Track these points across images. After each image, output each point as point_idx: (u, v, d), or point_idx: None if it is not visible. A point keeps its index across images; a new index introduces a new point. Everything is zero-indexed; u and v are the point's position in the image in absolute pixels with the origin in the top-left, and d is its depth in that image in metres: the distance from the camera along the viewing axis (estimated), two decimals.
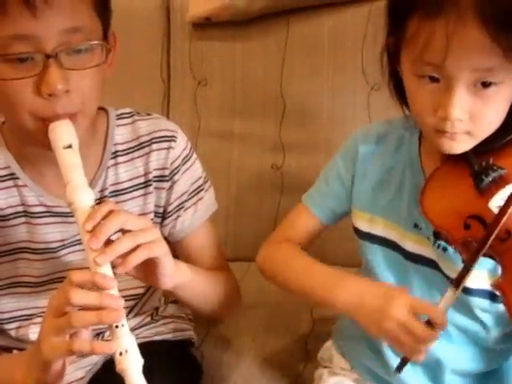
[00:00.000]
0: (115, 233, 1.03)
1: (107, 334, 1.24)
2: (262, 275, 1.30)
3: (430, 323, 1.03)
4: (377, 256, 1.19)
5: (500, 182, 1.02)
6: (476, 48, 0.94)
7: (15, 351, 1.27)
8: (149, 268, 1.09)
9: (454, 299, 1.02)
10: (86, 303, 0.97)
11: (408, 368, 1.16)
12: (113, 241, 1.01)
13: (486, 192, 1.02)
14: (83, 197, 1.03)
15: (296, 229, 1.30)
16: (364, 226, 1.21)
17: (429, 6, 0.97)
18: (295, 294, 1.24)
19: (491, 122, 1.02)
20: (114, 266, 1.02)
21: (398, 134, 1.20)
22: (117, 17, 1.17)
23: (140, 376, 0.97)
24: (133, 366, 0.96)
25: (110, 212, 1.02)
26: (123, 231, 1.04)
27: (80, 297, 0.97)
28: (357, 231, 1.23)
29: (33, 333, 1.24)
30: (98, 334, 1.27)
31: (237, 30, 1.83)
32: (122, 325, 0.98)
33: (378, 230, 1.19)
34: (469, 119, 1.00)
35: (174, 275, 1.14)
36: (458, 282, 1.01)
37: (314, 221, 1.29)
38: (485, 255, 0.99)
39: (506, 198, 0.98)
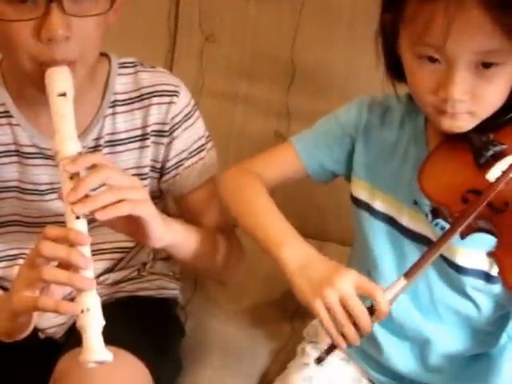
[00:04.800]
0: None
1: None
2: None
3: (370, 310, 1.06)
4: (373, 227, 1.25)
5: (499, 156, 1.08)
6: (477, 31, 0.99)
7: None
8: (136, 227, 1.14)
9: (406, 289, 1.07)
10: (55, 255, 1.02)
11: (396, 345, 1.24)
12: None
13: (485, 166, 1.08)
14: (70, 148, 1.08)
15: (273, 166, 1.32)
16: (364, 195, 1.27)
17: None
18: (241, 228, 1.26)
19: (493, 101, 1.07)
20: (93, 220, 1.07)
21: (405, 108, 1.25)
22: None
23: (98, 335, 1.00)
24: (92, 324, 1.00)
25: (94, 166, 1.07)
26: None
27: (49, 249, 1.02)
28: (355, 200, 1.28)
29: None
30: None
31: None
32: None
33: (377, 203, 1.25)
34: (470, 99, 1.05)
35: (164, 237, 1.19)
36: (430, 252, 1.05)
37: (298, 167, 1.31)
38: (482, 230, 1.05)
39: (505, 168, 1.05)
